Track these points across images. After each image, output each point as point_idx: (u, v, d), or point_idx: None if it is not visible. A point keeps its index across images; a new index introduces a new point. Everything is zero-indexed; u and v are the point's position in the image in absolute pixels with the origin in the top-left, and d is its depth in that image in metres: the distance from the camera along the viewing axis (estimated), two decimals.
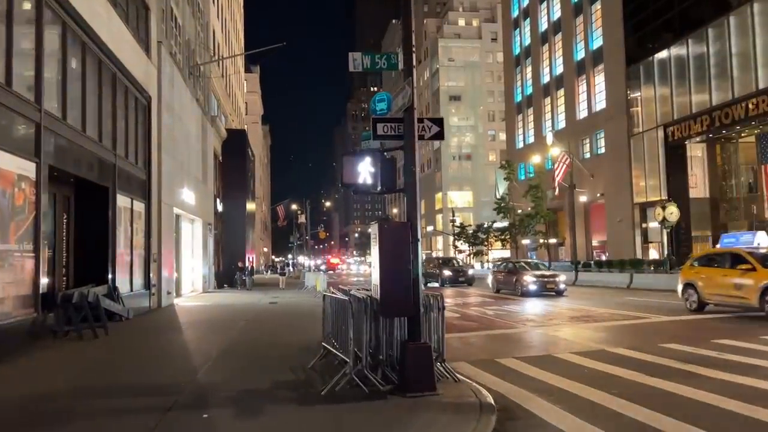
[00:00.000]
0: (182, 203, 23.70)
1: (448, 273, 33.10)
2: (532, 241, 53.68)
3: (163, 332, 12.79)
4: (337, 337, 7.68)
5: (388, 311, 6.33)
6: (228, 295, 26.09)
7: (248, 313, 17.06)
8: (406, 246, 6.24)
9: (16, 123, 10.21)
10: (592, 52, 46.29)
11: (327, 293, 8.56)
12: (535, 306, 18.17)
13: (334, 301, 7.92)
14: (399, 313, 6.40)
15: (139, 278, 17.64)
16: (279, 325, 13.83)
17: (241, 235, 39.02)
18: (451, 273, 33.20)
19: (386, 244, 6.27)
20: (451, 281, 32.53)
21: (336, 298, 7.79)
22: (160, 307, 19.00)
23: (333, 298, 8.01)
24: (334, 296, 7.93)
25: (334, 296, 7.98)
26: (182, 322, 14.76)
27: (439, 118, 6.95)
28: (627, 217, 41.51)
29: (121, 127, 16.03)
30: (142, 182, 18.07)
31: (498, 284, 26.21)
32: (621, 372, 7.42)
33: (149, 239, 18.37)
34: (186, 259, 27.01)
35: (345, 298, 7.11)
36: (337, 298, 7.68)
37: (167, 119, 20.55)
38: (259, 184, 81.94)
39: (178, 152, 22.80)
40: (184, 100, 24.38)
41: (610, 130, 43.74)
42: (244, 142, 40.39)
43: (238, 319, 15.00)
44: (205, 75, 30.89)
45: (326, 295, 8.44)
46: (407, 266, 6.23)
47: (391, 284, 6.23)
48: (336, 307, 7.75)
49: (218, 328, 13.30)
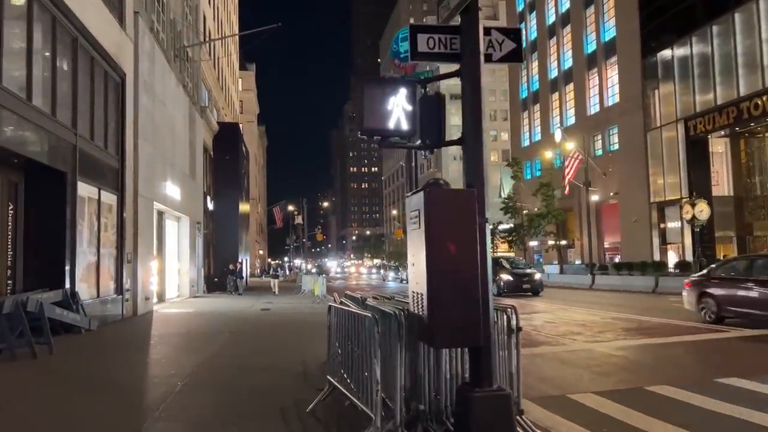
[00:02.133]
0: (165, 198, 21.24)
1: (508, 278, 25.15)
2: (539, 243, 51.30)
3: (125, 349, 10.33)
4: (348, 368, 5.26)
5: (442, 336, 3.86)
6: (217, 301, 23.62)
7: (236, 322, 14.61)
8: (471, 227, 3.82)
9: None
10: (604, 44, 44.02)
11: (334, 304, 6.04)
12: (569, 312, 15.76)
13: (344, 317, 5.44)
14: (461, 340, 3.96)
15: (109, 282, 15.18)
16: (270, 339, 11.38)
17: (234, 236, 36.49)
18: (511, 278, 25.12)
19: (438, 223, 3.83)
20: (513, 289, 24.67)
21: (349, 312, 5.31)
22: (135, 315, 16.53)
23: (343, 312, 5.52)
24: (346, 310, 5.45)
25: (345, 309, 5.50)
26: (155, 335, 12.30)
27: (515, 29, 4.51)
28: (643, 217, 39.16)
29: (84, 103, 13.59)
30: (114, 170, 15.62)
31: None
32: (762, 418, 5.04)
33: (122, 237, 15.91)
34: (171, 260, 24.53)
35: (364, 314, 4.68)
36: (351, 313, 5.22)
37: (146, 101, 18.12)
38: (254, 185, 79.42)
39: (161, 141, 20.36)
40: (169, 84, 21.96)
41: (624, 125, 41.44)
42: (238, 137, 37.92)
43: (223, 330, 12.56)
44: (194, 61, 28.46)
45: (333, 307, 5.93)
46: (473, 262, 3.80)
47: (446, 292, 3.79)
48: (348, 325, 5.28)
49: (196, 342, 10.86)
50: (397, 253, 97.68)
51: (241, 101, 73.33)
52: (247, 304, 21.36)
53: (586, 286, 32.13)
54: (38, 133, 11.11)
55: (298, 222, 58.62)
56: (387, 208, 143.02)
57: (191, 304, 21.85)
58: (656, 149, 37.84)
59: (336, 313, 5.75)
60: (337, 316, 5.69)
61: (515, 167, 46.64)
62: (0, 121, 9.67)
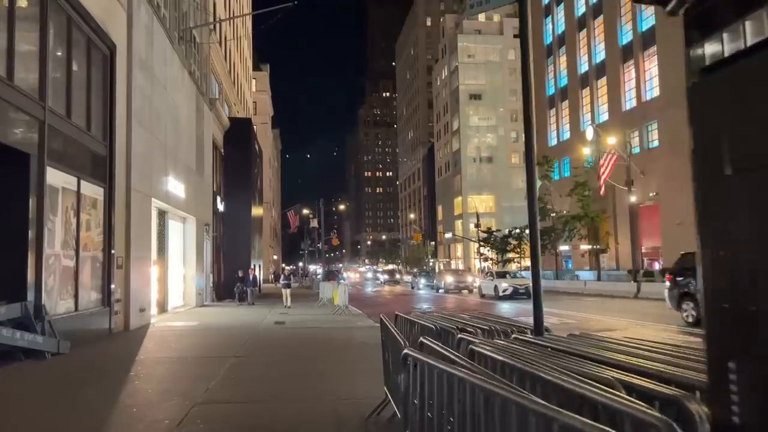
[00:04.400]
0: (167, 195, 18.74)
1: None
2: (570, 248, 48.23)
3: (89, 385, 7.69)
4: None
5: None
6: (225, 312, 21.05)
7: (244, 340, 11.97)
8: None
9: None
10: (641, 34, 41.03)
11: (425, 358, 2.95)
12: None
13: (470, 395, 2.40)
14: None
15: (92, 291, 12.62)
16: (286, 368, 8.71)
17: (246, 240, 33.93)
18: None
19: None
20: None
21: (508, 398, 2.16)
22: (127, 330, 13.98)
23: (470, 387, 2.40)
24: (495, 390, 2.23)
25: (484, 385, 2.27)
26: (140, 360, 9.68)
27: None
28: (688, 220, 35.90)
29: (59, 72, 11.09)
30: (100, 158, 13.10)
31: None
32: None
33: (110, 237, 13.37)
34: (175, 266, 22.03)
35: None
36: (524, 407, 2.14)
37: (142, 81, 15.64)
38: (268, 189, 77.21)
39: (161, 129, 17.87)
40: (171, 68, 19.50)
41: (665, 120, 38.32)
42: (250, 134, 35.44)
43: (227, 354, 9.92)
44: (201, 46, 26.03)
45: (425, 363, 2.78)
46: None
47: None
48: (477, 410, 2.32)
49: (190, 373, 8.23)
50: (414, 258, 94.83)
51: (255, 102, 71.16)
52: (258, 315, 18.74)
53: (631, 294, 29.19)
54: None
55: (313, 225, 56.02)
56: (402, 212, 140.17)
57: (196, 315, 19.28)
58: None
59: (435, 377, 2.74)
60: (447, 385, 2.67)
61: (545, 165, 43.63)
62: None
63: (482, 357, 2.80)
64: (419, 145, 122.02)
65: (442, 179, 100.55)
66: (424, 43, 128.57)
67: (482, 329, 3.77)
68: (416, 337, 4.88)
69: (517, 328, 3.89)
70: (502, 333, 3.71)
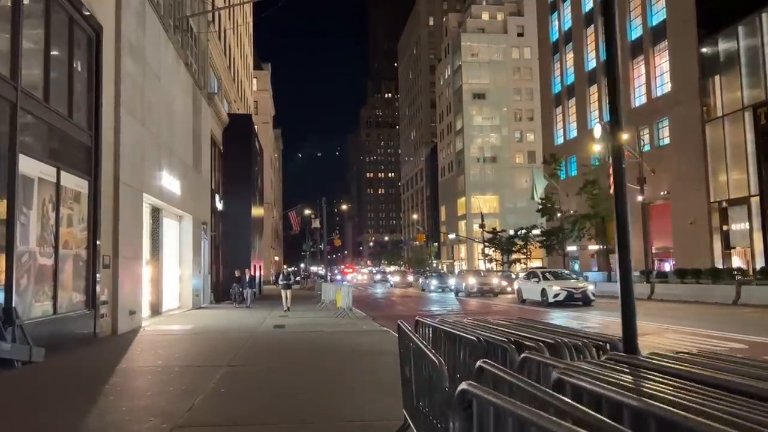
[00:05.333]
0: (160, 191, 17.73)
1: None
2: (578, 248, 47.11)
3: (58, 399, 6.65)
4: None
5: None
6: (222, 314, 20.02)
7: (239, 346, 10.93)
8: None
9: None
10: (651, 29, 39.95)
11: (507, 404, 1.88)
12: (683, 334, 11.90)
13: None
14: None
15: (74, 293, 11.60)
16: (287, 381, 7.67)
17: (246, 240, 32.87)
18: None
19: None
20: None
21: None
22: (114, 335, 12.97)
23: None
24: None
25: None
26: (121, 369, 8.65)
27: None
28: (701, 219, 34.92)
29: (34, 51, 10.08)
30: (84, 148, 12.09)
31: None
32: None
33: (96, 234, 12.35)
34: (170, 266, 21.00)
35: None
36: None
37: (133, 68, 14.63)
38: (269, 189, 76.19)
39: (154, 121, 16.86)
40: (166, 57, 18.50)
41: (676, 116, 37.27)
42: (251, 131, 34.42)
43: (219, 362, 8.88)
44: (199, 37, 25.04)
45: (501, 407, 1.70)
46: None
47: None
48: None
49: (175, 385, 7.20)
50: (417, 259, 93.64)
51: (256, 101, 70.19)
52: (257, 318, 17.70)
53: (644, 296, 28.06)
54: None
55: (315, 226, 54.92)
56: (405, 213, 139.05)
57: (192, 318, 18.25)
58: (717, 142, 33.66)
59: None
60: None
61: (552, 164, 42.53)
62: None
63: (579, 391, 1.77)
64: (422, 145, 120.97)
65: (445, 180, 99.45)
66: (427, 43, 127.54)
67: (545, 343, 2.75)
68: (448, 350, 3.84)
69: (592, 342, 2.86)
70: (573, 348, 2.69)
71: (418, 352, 3.53)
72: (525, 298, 25.90)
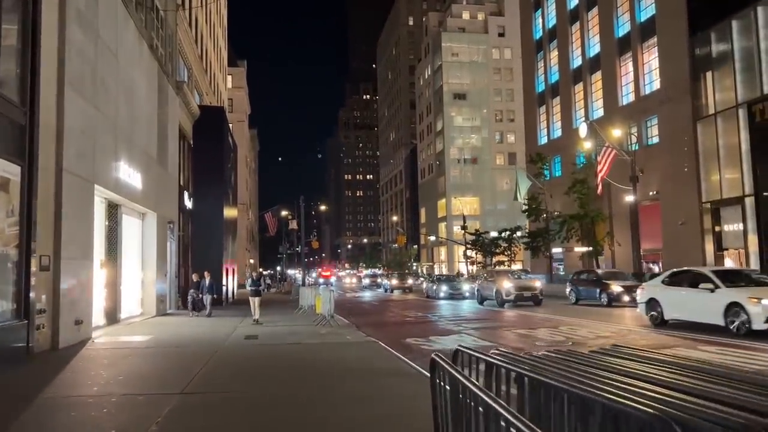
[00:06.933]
0: (117, 184, 15.71)
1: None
2: (562, 250, 45.89)
3: None
4: None
5: None
6: (187, 322, 18.01)
7: (200, 364, 9.05)
8: None
9: None
10: (640, 25, 38.94)
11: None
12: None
13: None
14: None
15: (1, 300, 9.60)
16: (252, 413, 5.85)
17: (217, 241, 30.75)
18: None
19: None
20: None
21: None
22: (54, 349, 10.98)
23: None
24: None
25: None
26: (40, 402, 6.73)
27: None
28: (692, 219, 33.85)
29: None
30: (15, 126, 10.10)
31: None
32: None
33: (30, 230, 10.36)
34: (130, 268, 18.92)
35: None
36: None
37: (81, 39, 12.65)
38: (245, 190, 73.79)
39: (109, 103, 14.87)
40: (125, 34, 16.50)
41: (666, 114, 36.23)
42: (223, 125, 32.37)
43: (171, 389, 7.01)
44: (166, 22, 23.01)
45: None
46: None
47: None
48: None
49: (102, 428, 5.33)
50: (396, 262, 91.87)
51: (231, 99, 67.84)
52: (227, 327, 15.77)
53: None
54: None
55: (292, 227, 52.87)
56: (384, 216, 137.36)
57: (153, 326, 16.23)
58: (709, 141, 32.62)
59: None
60: None
61: (538, 163, 41.24)
62: None
63: None
64: (401, 146, 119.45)
65: (425, 181, 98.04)
66: (407, 43, 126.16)
67: None
68: None
69: None
70: None
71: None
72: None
